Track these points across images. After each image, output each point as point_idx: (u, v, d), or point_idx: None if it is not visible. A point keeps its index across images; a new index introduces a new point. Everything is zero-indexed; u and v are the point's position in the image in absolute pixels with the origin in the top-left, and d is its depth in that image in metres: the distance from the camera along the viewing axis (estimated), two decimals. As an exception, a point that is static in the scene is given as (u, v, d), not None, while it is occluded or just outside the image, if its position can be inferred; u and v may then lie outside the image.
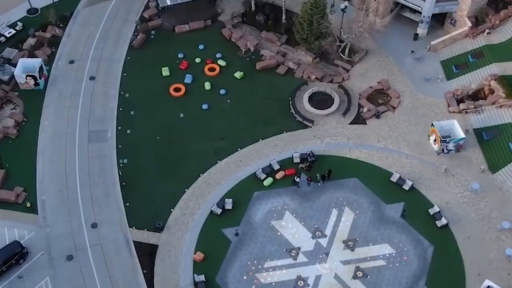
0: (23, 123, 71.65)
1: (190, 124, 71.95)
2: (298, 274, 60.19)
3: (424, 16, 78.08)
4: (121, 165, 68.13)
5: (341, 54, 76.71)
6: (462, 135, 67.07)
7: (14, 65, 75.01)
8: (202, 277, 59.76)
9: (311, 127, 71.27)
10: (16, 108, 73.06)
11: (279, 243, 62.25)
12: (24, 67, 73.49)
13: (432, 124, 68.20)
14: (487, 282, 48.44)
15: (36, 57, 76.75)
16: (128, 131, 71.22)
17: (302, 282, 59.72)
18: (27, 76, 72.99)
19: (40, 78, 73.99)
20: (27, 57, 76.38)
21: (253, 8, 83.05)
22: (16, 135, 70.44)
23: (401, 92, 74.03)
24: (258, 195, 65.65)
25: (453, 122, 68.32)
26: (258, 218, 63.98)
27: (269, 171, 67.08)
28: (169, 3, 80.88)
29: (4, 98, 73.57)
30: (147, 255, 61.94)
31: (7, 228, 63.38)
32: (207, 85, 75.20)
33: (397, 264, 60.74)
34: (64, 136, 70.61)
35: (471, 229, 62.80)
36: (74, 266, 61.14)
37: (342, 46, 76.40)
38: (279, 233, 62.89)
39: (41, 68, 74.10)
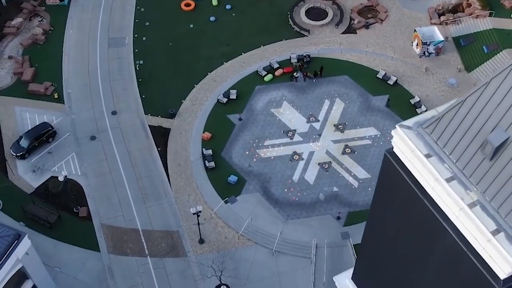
0: (50, 31, 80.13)
1: (199, 33, 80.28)
2: (294, 150, 68.50)
3: None
4: (137, 65, 76.57)
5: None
6: (442, 38, 75.26)
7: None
8: (209, 152, 68.09)
9: (307, 35, 79.53)
10: (43, 20, 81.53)
11: (277, 126, 70.54)
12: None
13: (415, 30, 76.42)
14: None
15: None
16: (144, 38, 79.62)
17: (297, 156, 68.02)
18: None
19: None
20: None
21: None
22: (44, 41, 78.88)
23: (388, 8, 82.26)
24: (259, 88, 73.94)
25: (434, 28, 76.52)
26: (259, 106, 72.24)
27: (269, 69, 75.37)
28: None
29: (32, 12, 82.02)
30: (161, 136, 70.28)
31: (37, 115, 71.80)
32: (214, 1, 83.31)
33: (381, 143, 68.94)
34: (87, 42, 79.11)
35: (447, 116, 70.91)
36: (97, 145, 69.59)
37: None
38: (277, 118, 71.15)
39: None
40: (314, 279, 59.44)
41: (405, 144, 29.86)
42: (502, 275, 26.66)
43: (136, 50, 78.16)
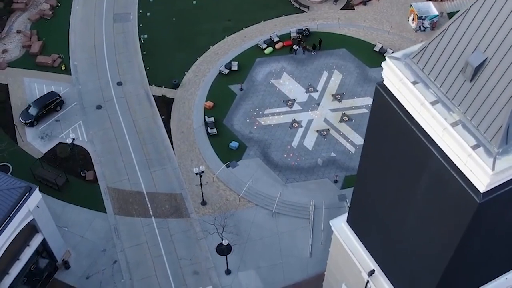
0: (57, 7, 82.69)
1: (201, 9, 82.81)
2: (293, 118, 70.90)
3: None
4: (142, 38, 79.09)
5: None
6: (437, 13, 77.67)
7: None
8: (212, 119, 70.52)
9: (306, 12, 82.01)
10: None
11: (277, 96, 72.98)
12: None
13: (411, 5, 78.88)
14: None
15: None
16: (148, 14, 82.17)
17: (296, 124, 70.44)
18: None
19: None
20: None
21: None
22: (51, 16, 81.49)
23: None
24: (260, 61, 76.39)
25: (429, 3, 79.02)
26: (260, 77, 74.69)
27: (270, 42, 77.82)
28: None
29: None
30: (164, 105, 72.70)
31: (45, 85, 74.28)
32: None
33: (377, 112, 71.23)
34: (93, 18, 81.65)
35: (441, 86, 73.38)
36: (103, 113, 72.06)
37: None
38: (277, 89, 73.59)
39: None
40: (312, 238, 61.86)
41: (394, 74, 32.30)
42: (482, 188, 29.00)
43: (141, 25, 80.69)
